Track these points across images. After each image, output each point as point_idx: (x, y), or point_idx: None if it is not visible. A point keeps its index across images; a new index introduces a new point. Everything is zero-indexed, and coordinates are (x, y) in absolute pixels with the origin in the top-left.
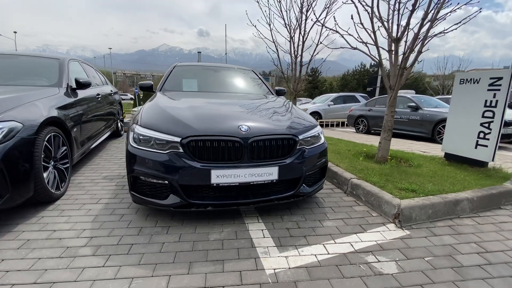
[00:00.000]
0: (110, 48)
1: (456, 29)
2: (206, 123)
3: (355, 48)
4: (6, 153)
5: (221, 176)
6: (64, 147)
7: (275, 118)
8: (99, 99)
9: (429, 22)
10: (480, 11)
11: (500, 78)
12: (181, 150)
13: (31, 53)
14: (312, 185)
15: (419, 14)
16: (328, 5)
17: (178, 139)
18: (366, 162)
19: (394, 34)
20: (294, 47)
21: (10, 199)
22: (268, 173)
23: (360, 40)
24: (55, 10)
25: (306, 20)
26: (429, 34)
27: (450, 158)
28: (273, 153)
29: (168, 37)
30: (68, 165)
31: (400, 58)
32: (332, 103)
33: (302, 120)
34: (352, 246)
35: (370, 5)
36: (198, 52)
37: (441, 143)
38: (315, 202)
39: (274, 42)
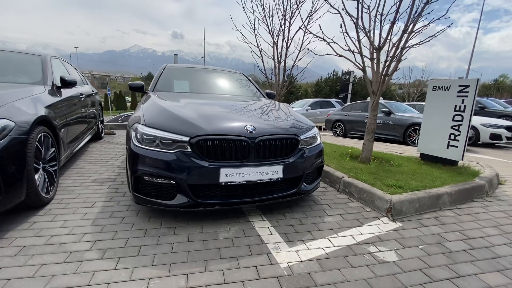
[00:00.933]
0: (76, 47)
1: (429, 40)
2: (213, 123)
3: (341, 55)
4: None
5: (229, 175)
6: (53, 148)
7: (276, 119)
8: (82, 99)
9: (407, 34)
10: (449, 26)
11: (467, 86)
12: (189, 150)
13: (9, 49)
14: (311, 183)
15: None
16: (310, 14)
17: (187, 139)
18: (352, 162)
19: (376, 44)
20: (277, 53)
21: (1, 203)
22: (274, 172)
23: (347, 48)
24: (14, 4)
25: (289, 26)
26: (407, 44)
27: (425, 158)
28: (278, 152)
29: (140, 38)
30: (56, 167)
31: (381, 65)
32: (310, 108)
33: (300, 121)
34: (354, 238)
35: (356, 16)
36: (175, 54)
37: (411, 146)
38: (313, 200)
39: (258, 47)
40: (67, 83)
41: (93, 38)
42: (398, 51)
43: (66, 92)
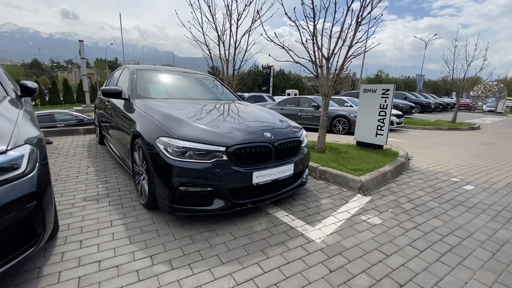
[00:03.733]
0: None
1: (361, 54)
2: (240, 132)
3: (297, 62)
4: (38, 183)
5: (259, 176)
6: None
7: (279, 123)
8: (31, 104)
9: (349, 48)
10: (377, 45)
11: (388, 90)
12: (225, 158)
13: None
14: (304, 174)
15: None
16: (255, 19)
17: (223, 148)
18: (314, 153)
19: (325, 54)
20: (224, 50)
21: (43, 237)
22: (288, 169)
23: (309, 58)
24: None
25: (237, 27)
26: (348, 56)
27: (360, 144)
28: (289, 152)
29: (14, 15)
30: None
31: (330, 72)
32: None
33: (293, 124)
34: (348, 212)
35: (312, 32)
36: (80, 40)
37: (337, 134)
38: (303, 188)
39: (207, 45)
40: (31, 91)
41: None
42: (347, 62)
43: (26, 101)
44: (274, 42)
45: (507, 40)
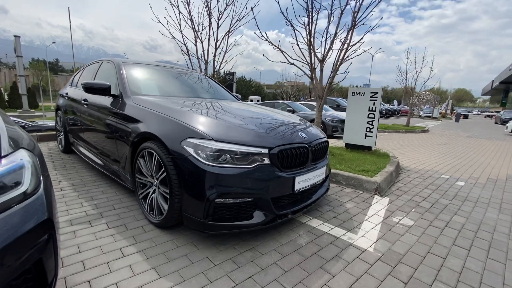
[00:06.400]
0: None
1: (353, 57)
2: (277, 132)
3: (292, 64)
4: (48, 206)
5: (300, 182)
6: None
7: (302, 122)
8: None
9: (343, 51)
10: (369, 48)
11: (376, 93)
12: (267, 162)
13: None
14: None
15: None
16: (237, 20)
17: (266, 151)
18: None
19: (319, 57)
20: (203, 50)
21: (55, 286)
22: (322, 173)
23: (305, 61)
24: None
25: (218, 27)
26: (341, 58)
27: (349, 146)
28: (321, 154)
29: None
30: None
31: (323, 74)
32: None
33: (311, 124)
34: (379, 215)
35: (308, 37)
36: (16, 36)
37: None
38: None
39: (185, 44)
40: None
41: None
42: (337, 65)
43: None
44: (269, 42)
45: (432, 56)
